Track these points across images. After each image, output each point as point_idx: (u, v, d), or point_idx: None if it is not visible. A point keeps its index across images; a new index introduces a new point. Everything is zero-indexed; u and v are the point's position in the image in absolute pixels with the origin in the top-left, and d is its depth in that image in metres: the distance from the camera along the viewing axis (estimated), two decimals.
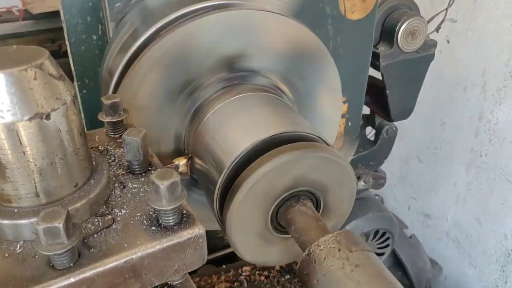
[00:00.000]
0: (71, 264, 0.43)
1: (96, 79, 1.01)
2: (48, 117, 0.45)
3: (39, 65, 0.45)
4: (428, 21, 1.15)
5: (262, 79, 0.80)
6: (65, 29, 0.97)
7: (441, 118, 1.74)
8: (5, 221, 0.46)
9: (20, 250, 0.45)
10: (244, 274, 1.09)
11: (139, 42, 0.76)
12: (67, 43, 1.01)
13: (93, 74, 1.03)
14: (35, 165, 0.46)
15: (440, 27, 1.28)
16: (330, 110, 0.92)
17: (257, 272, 1.09)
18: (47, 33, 2.90)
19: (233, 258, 1.17)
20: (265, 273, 1.09)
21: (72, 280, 0.42)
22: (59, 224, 0.41)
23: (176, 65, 0.73)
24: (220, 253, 1.17)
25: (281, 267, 1.11)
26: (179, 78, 0.74)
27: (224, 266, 1.12)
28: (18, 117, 0.44)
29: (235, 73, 0.78)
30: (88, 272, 0.43)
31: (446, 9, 1.27)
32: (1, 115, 0.43)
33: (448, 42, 1.60)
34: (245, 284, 1.06)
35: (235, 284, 1.06)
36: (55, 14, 2.91)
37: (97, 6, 0.94)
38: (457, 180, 1.74)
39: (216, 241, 1.17)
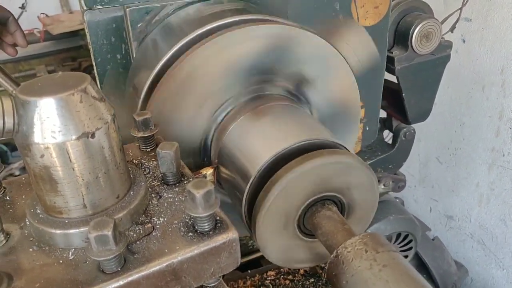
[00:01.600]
0: (119, 269, 0.47)
1: (121, 96, 1.07)
2: (93, 135, 0.50)
3: (83, 89, 0.50)
4: (442, 22, 1.16)
5: (308, 111, 0.88)
6: (91, 50, 1.02)
7: (459, 118, 1.72)
8: (58, 231, 0.51)
9: (72, 256, 0.50)
10: (269, 278, 1.11)
11: (166, 57, 0.81)
12: (94, 63, 1.06)
13: (118, 91, 1.08)
14: (82, 179, 0.51)
15: (455, 27, 1.28)
16: None
17: (282, 276, 1.12)
18: (67, 52, 3.04)
19: (257, 263, 1.19)
20: (290, 277, 1.12)
21: (121, 283, 0.46)
22: (108, 232, 0.45)
23: (272, 51, 0.80)
24: (245, 259, 1.20)
25: (305, 271, 1.13)
26: (265, 62, 0.81)
27: (249, 271, 1.15)
28: (68, 137, 0.49)
29: (297, 93, 0.87)
30: (135, 275, 0.47)
31: (461, 8, 1.27)
32: (53, 136, 0.48)
33: (463, 41, 1.60)
34: None
35: None
36: (74, 34, 3.03)
37: (120, 27, 0.99)
38: (479, 180, 1.71)
39: (241, 248, 1.20)
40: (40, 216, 0.53)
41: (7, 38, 1.18)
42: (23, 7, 2.92)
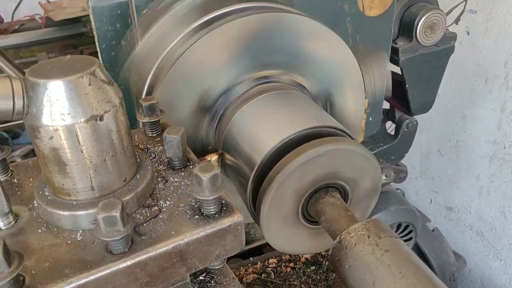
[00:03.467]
0: (126, 249, 0.48)
1: (125, 82, 1.07)
2: (101, 118, 0.51)
3: (92, 72, 0.50)
4: (447, 13, 1.15)
5: (312, 99, 0.88)
6: (96, 36, 1.02)
7: (462, 110, 1.73)
8: (66, 213, 0.52)
9: (80, 238, 0.51)
10: (271, 266, 1.13)
11: (172, 44, 0.82)
12: (98, 50, 1.06)
13: (122, 78, 1.08)
14: (90, 162, 0.51)
15: (460, 19, 1.28)
16: None
17: (283, 264, 1.13)
18: (69, 39, 3.01)
19: (259, 251, 1.21)
20: (291, 264, 1.13)
21: (128, 263, 0.47)
22: (116, 213, 0.46)
23: (277, 39, 0.81)
24: (247, 247, 1.21)
25: (306, 258, 1.15)
26: (271, 51, 0.82)
27: (251, 258, 1.16)
28: (77, 119, 0.49)
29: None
30: (142, 256, 0.48)
31: (465, 0, 1.26)
32: (62, 118, 0.49)
33: (468, 33, 1.59)
34: (272, 275, 1.10)
35: (263, 275, 1.10)
36: (76, 20, 3.01)
37: (125, 13, 0.99)
38: (480, 172, 1.72)
39: None
40: (49, 198, 0.54)
41: None
42: None
